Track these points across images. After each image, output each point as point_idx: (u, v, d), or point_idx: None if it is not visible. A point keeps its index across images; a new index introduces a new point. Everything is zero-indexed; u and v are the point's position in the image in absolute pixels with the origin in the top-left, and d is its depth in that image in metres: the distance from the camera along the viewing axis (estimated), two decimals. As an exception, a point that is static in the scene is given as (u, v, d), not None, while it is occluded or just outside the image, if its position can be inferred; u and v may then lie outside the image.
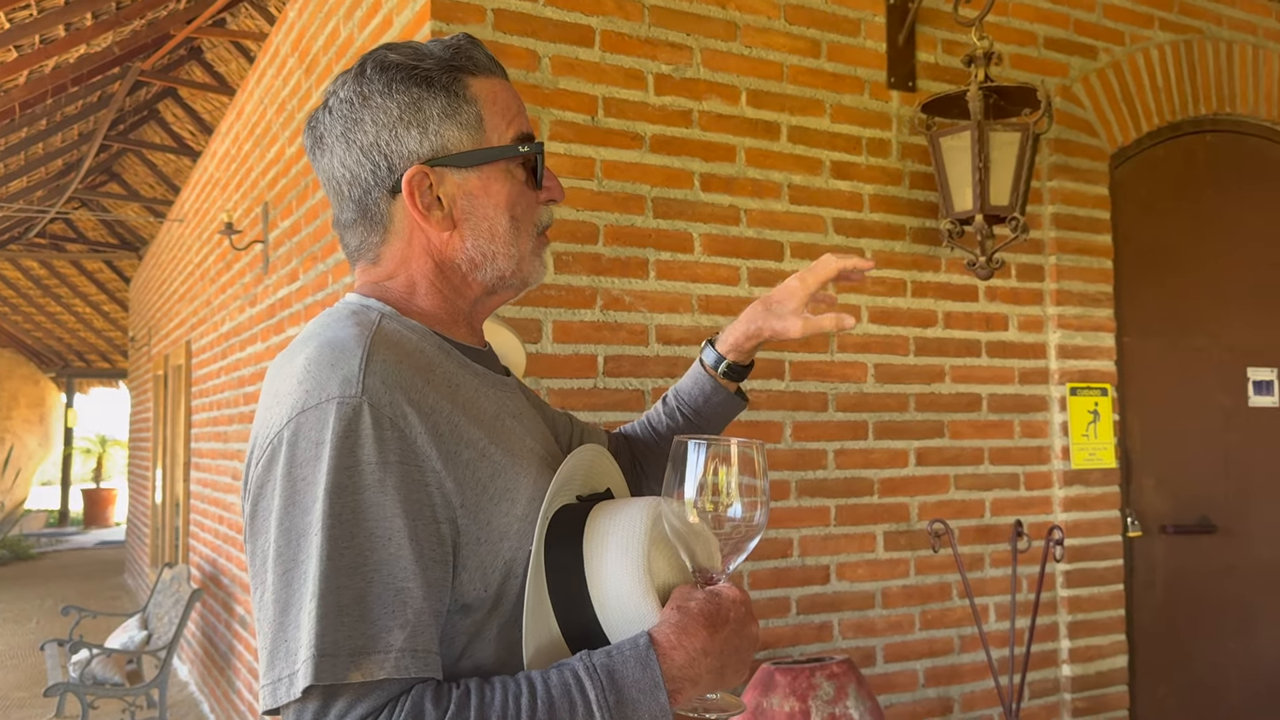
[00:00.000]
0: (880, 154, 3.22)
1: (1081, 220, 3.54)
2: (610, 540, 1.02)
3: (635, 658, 0.96)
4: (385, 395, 0.96)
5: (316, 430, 0.94)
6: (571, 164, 2.73)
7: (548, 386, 2.66)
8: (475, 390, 1.08)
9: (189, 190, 7.51)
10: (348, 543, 0.92)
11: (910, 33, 3.25)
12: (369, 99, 1.08)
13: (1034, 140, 3.00)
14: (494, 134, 1.10)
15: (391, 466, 0.94)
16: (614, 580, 1.00)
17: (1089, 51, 3.61)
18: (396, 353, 1.01)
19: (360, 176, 1.09)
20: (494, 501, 1.01)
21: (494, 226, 1.11)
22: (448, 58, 1.10)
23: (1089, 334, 3.51)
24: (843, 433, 3.11)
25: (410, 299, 1.11)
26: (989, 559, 3.31)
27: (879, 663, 3.10)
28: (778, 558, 2.97)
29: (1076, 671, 3.39)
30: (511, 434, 1.08)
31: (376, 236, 1.12)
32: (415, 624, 0.93)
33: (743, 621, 1.02)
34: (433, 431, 0.98)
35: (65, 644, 5.48)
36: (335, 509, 0.92)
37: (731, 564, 1.03)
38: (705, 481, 1.00)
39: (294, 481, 0.94)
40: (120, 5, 6.58)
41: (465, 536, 0.99)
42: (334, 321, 1.05)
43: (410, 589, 0.93)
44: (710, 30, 2.95)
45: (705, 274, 2.90)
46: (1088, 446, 3.46)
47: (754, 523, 1.02)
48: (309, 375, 0.98)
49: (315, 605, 0.90)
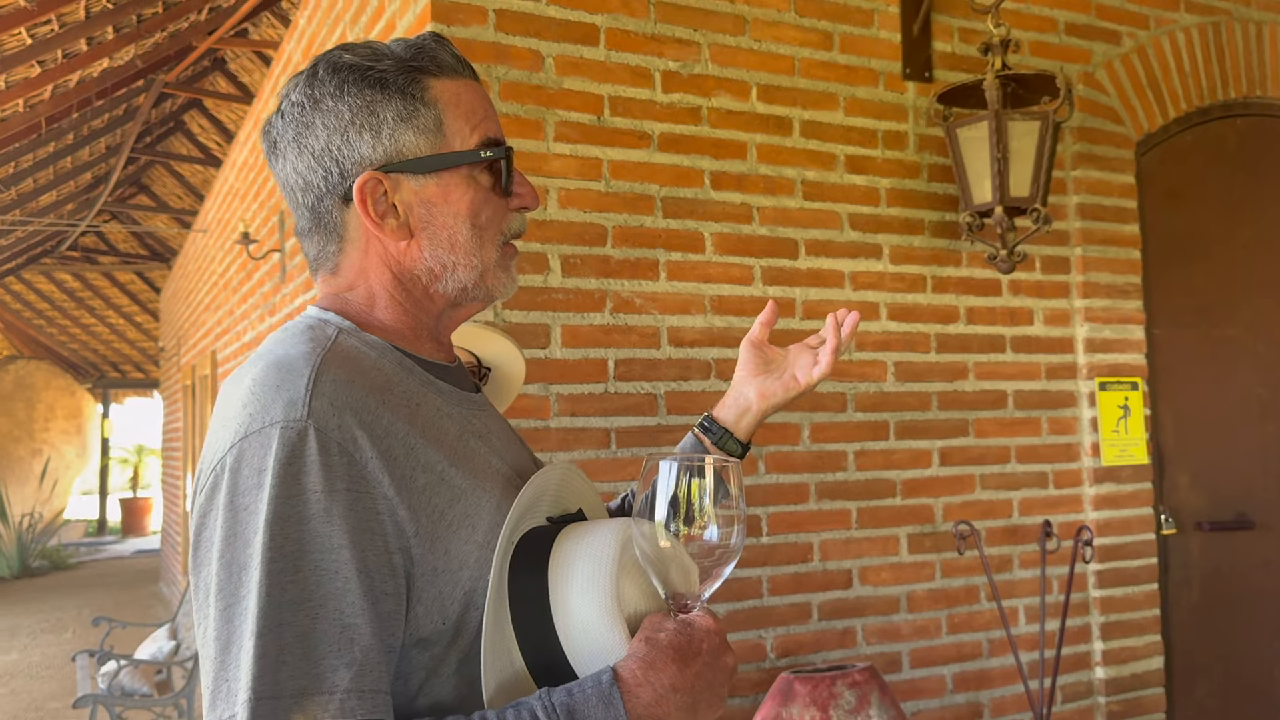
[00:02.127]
0: (896, 147, 3.15)
1: (1107, 210, 3.44)
2: (577, 566, 0.96)
3: (598, 696, 0.90)
4: (333, 418, 0.91)
5: (259, 457, 0.89)
6: (578, 165, 2.68)
7: (557, 392, 2.61)
8: (437, 410, 1.02)
9: (211, 200, 7.55)
10: (291, 577, 0.87)
11: (925, 22, 3.18)
12: (320, 102, 1.03)
13: (1054, 129, 2.92)
14: (456, 138, 1.04)
15: (339, 494, 0.89)
16: (580, 609, 0.94)
17: (1112, 36, 3.51)
18: (349, 371, 0.95)
19: (313, 183, 1.04)
20: (452, 529, 0.95)
21: (454, 235, 1.05)
22: (407, 58, 1.04)
23: (1117, 327, 3.41)
24: (863, 433, 3.03)
25: (371, 312, 1.06)
26: (1018, 560, 3.22)
27: (905, 668, 3.03)
28: (798, 562, 2.90)
29: (1111, 674, 3.29)
30: (475, 455, 1.03)
31: (333, 246, 1.07)
32: (363, 662, 0.87)
33: (716, 653, 0.96)
34: (385, 455, 0.92)
35: (95, 655, 5.51)
36: (277, 541, 0.87)
37: (707, 590, 0.96)
38: (678, 503, 0.94)
39: (235, 511, 0.89)
40: (141, 18, 6.61)
41: (420, 567, 0.93)
42: (288, 337, 1.00)
43: (358, 625, 0.88)
44: (718, 25, 2.89)
45: (718, 274, 2.84)
46: (1118, 443, 3.36)
47: (730, 545, 0.95)
48: (253, 398, 0.93)
49: (254, 644, 0.85)
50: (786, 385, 1.32)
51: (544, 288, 2.62)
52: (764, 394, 1.32)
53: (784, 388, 1.32)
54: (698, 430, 1.33)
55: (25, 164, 8.61)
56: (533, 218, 2.61)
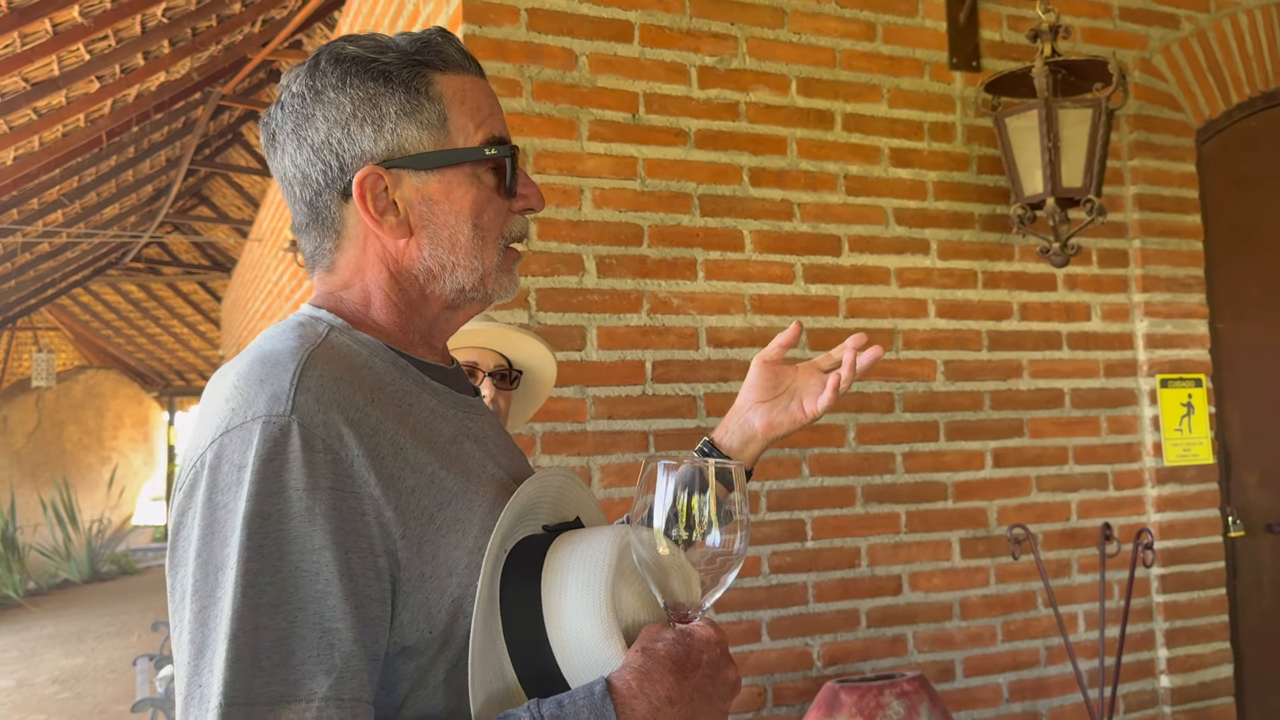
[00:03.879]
0: (944, 138, 3.05)
1: (1167, 200, 3.31)
2: (571, 575, 0.91)
3: (590, 708, 0.85)
4: (318, 414, 0.87)
5: (240, 452, 0.86)
6: (613, 164, 2.64)
7: (593, 395, 2.57)
8: (431, 411, 0.99)
9: (265, 209, 7.65)
10: (269, 578, 0.83)
11: (972, 9, 3.08)
12: (321, 94, 0.99)
13: (1108, 117, 2.81)
14: (460, 135, 1.01)
15: (322, 493, 0.85)
16: (574, 619, 0.90)
17: (1170, 20, 3.38)
18: (338, 368, 0.92)
19: (311, 177, 1.01)
20: (441, 533, 0.91)
21: (455, 235, 1.01)
22: (412, 51, 1.01)
23: (1179, 321, 3.28)
24: (911, 434, 2.95)
25: (366, 311, 1.03)
26: (1076, 565, 3.11)
27: (958, 677, 2.93)
28: (845, 568, 2.82)
29: (1176, 683, 3.16)
30: (469, 459, 0.99)
31: (330, 242, 1.03)
32: (343, 669, 0.83)
33: (717, 665, 0.91)
34: (372, 454, 0.89)
35: (154, 659, 5.58)
36: (256, 540, 0.83)
37: (709, 599, 0.92)
38: (679, 508, 0.89)
39: (214, 509, 0.86)
40: (196, 32, 6.71)
41: (406, 571, 0.89)
42: (276, 334, 0.97)
43: (339, 630, 0.84)
44: (756, 18, 2.83)
45: (757, 273, 2.77)
46: (1181, 442, 3.23)
47: (733, 551, 0.91)
48: (237, 392, 0.89)
49: (227, 647, 0.81)
50: (794, 417, 1.28)
51: (579, 289, 2.57)
52: (770, 425, 1.28)
53: (790, 420, 1.28)
54: (697, 456, 1.29)
55: (88, 178, 8.80)
56: (567, 218, 2.58)
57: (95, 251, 11.32)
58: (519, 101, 2.56)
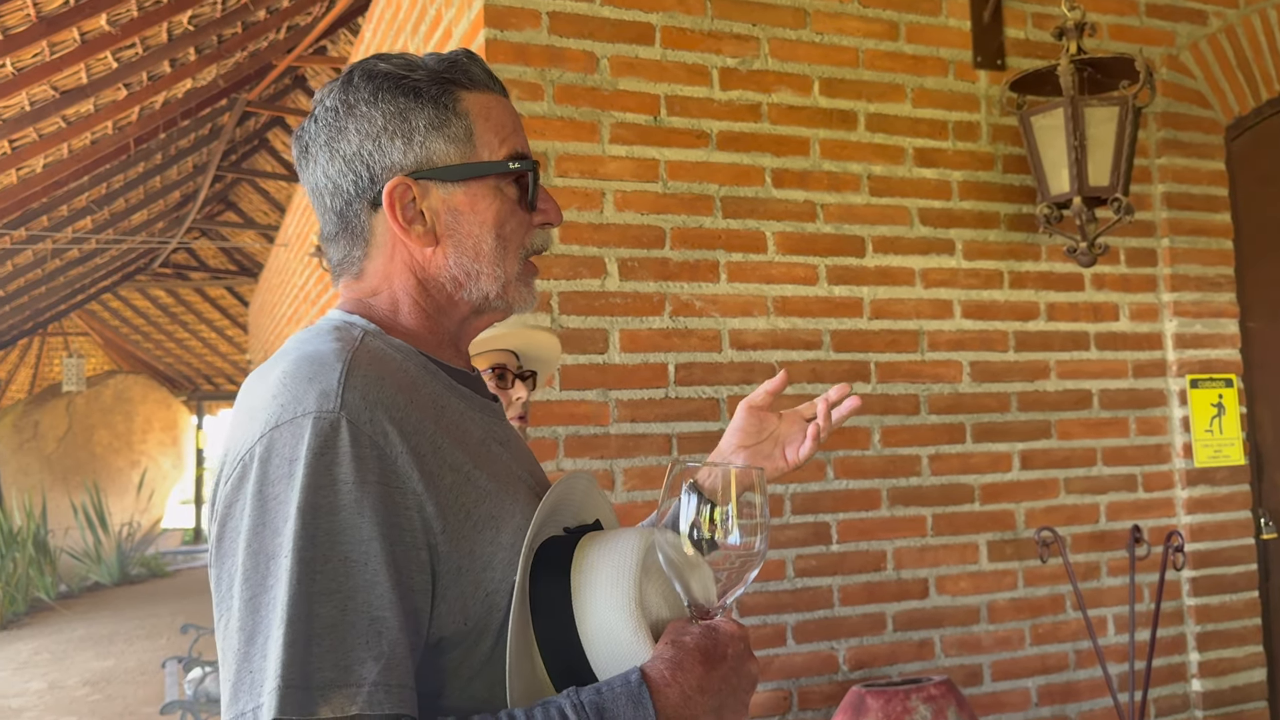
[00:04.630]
0: (968, 138, 3.03)
1: (1196, 198, 3.27)
2: (599, 573, 0.96)
3: (627, 695, 0.89)
4: (365, 412, 0.91)
5: (290, 446, 0.89)
6: (634, 166, 2.63)
7: (616, 398, 2.56)
8: (461, 413, 1.02)
9: (291, 214, 7.70)
10: (321, 566, 0.87)
11: (997, 8, 3.06)
12: (354, 108, 1.04)
13: (1135, 114, 2.78)
14: (485, 149, 1.05)
15: (370, 487, 0.89)
16: (602, 615, 0.94)
17: (1197, 16, 3.34)
18: (379, 369, 0.96)
19: (342, 187, 1.05)
20: (477, 529, 0.95)
21: (479, 244, 1.05)
22: (440, 70, 1.06)
23: (1209, 321, 3.24)
24: (937, 436, 2.92)
25: (395, 317, 1.06)
26: (1105, 567, 3.07)
27: (986, 681, 2.91)
28: (870, 571, 2.80)
29: (1208, 686, 3.12)
30: (498, 460, 1.03)
31: (359, 250, 1.07)
32: (390, 656, 0.87)
33: (741, 658, 0.96)
34: (415, 452, 0.93)
35: (183, 661, 5.63)
36: (308, 530, 0.87)
37: (730, 596, 0.97)
38: (702, 509, 0.94)
39: (264, 500, 0.89)
40: (221, 39, 6.77)
41: (445, 565, 0.93)
42: (314, 336, 1.00)
43: (386, 618, 0.87)
44: (778, 19, 2.81)
45: (780, 274, 2.76)
46: (1212, 443, 3.19)
47: (754, 551, 0.96)
48: (284, 389, 0.93)
49: (283, 632, 0.84)
50: (775, 465, 1.31)
51: (601, 292, 2.57)
52: None
53: (772, 467, 1.31)
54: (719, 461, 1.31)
55: (116, 184, 8.88)
56: (589, 221, 2.57)
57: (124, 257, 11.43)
58: (540, 105, 2.56)
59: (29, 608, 10.54)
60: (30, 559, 10.79)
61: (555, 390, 2.51)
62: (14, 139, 6.56)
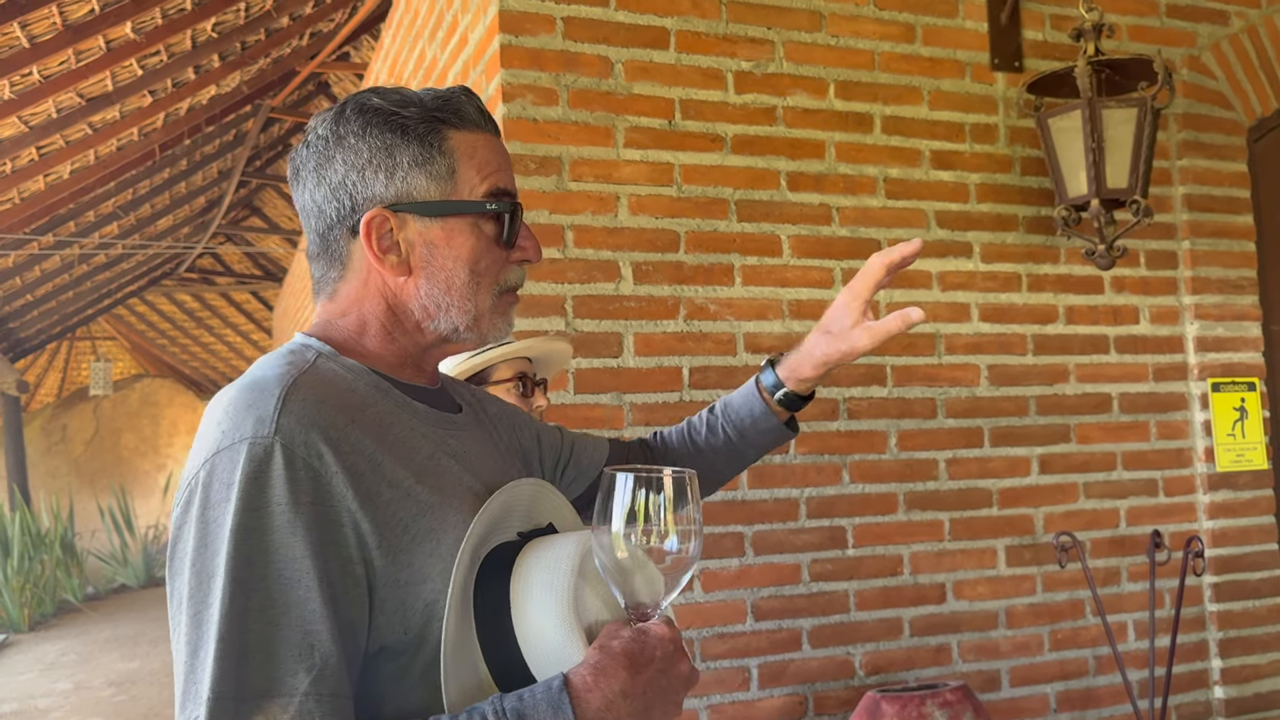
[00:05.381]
0: (986, 140, 3.02)
1: (1218, 200, 3.24)
2: (535, 578, 1.00)
3: (547, 701, 0.93)
4: (300, 435, 0.96)
5: (228, 471, 0.94)
6: (649, 170, 2.63)
7: (631, 401, 2.56)
8: (410, 430, 1.07)
9: (315, 220, 7.74)
10: (256, 585, 0.92)
11: (1014, 9, 3.04)
12: (343, 139, 1.09)
13: (1154, 116, 2.75)
14: (465, 187, 1.10)
15: (303, 507, 0.94)
16: (538, 619, 0.98)
17: (1219, 17, 3.31)
18: (319, 392, 1.01)
19: (326, 212, 1.11)
20: (416, 542, 0.99)
21: (451, 278, 1.10)
22: (433, 108, 1.10)
23: (1231, 324, 3.21)
24: (955, 440, 2.91)
25: (359, 338, 1.12)
26: (1125, 573, 3.05)
27: (1005, 687, 2.89)
28: (886, 576, 2.79)
29: (1231, 694, 3.08)
30: (447, 473, 1.07)
31: (335, 272, 1.13)
32: (322, 667, 0.92)
33: (670, 660, 0.99)
34: (351, 470, 0.97)
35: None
36: (242, 551, 0.92)
37: (665, 600, 0.99)
38: (636, 514, 0.96)
39: (206, 523, 0.94)
40: (245, 45, 6.83)
41: (382, 578, 0.97)
42: (268, 361, 1.06)
43: (318, 631, 0.92)
44: (793, 22, 2.81)
45: (795, 278, 2.75)
46: (1235, 447, 3.16)
47: (689, 555, 0.98)
48: (227, 416, 0.98)
49: (216, 647, 0.90)
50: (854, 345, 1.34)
51: (615, 295, 2.57)
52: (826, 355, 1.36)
53: (849, 347, 1.34)
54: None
55: (142, 190, 8.97)
56: (603, 225, 2.58)
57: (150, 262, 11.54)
58: (555, 110, 2.57)
59: (56, 609, 10.65)
60: (58, 561, 10.91)
61: (569, 394, 2.52)
62: (41, 146, 6.64)
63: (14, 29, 4.92)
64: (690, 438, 1.48)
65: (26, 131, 6.28)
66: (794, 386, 1.39)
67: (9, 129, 6.13)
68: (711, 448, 1.45)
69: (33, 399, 15.36)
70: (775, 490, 2.68)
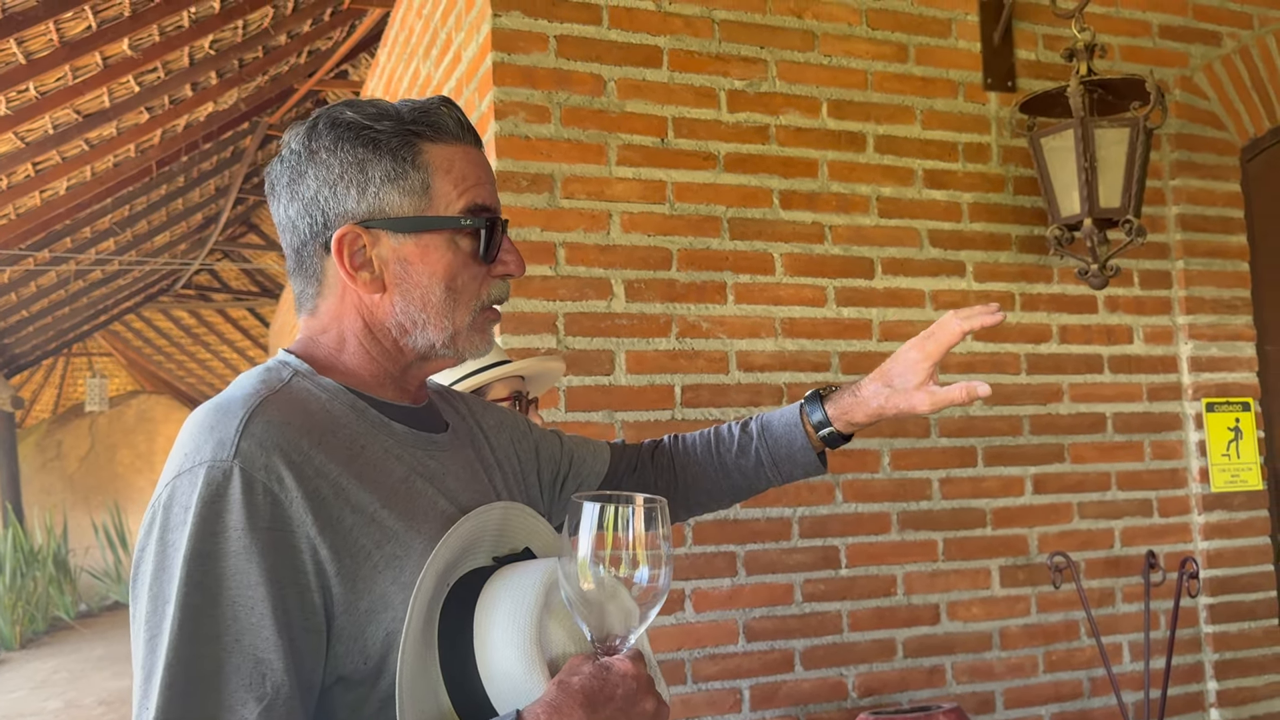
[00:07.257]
0: (979, 159, 3.02)
1: (1211, 220, 3.24)
2: (499, 609, 0.96)
3: None
4: (260, 458, 0.94)
5: (186, 495, 0.93)
6: (641, 188, 2.63)
7: (622, 419, 2.55)
8: (384, 451, 1.04)
9: (311, 236, 7.75)
10: (208, 611, 0.90)
11: (1007, 30, 3.05)
12: (315, 154, 1.07)
13: (1146, 136, 2.76)
14: (441, 202, 1.07)
15: (260, 533, 0.92)
16: (500, 652, 0.94)
17: (1211, 38, 3.31)
18: (287, 413, 0.98)
19: (299, 227, 1.09)
20: (378, 570, 0.97)
21: (426, 295, 1.07)
22: (408, 120, 1.08)
23: (1225, 344, 3.20)
24: (948, 460, 2.90)
25: (338, 355, 1.09)
26: (1120, 594, 3.03)
27: (999, 709, 2.86)
28: (880, 596, 2.77)
29: (1227, 716, 3.06)
30: (419, 497, 1.04)
31: (312, 288, 1.11)
32: (274, 697, 0.89)
33: (631, 699, 0.94)
34: (311, 495, 0.95)
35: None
36: (194, 577, 0.90)
37: (634, 633, 0.95)
38: (605, 544, 0.92)
39: (165, 547, 0.93)
40: (242, 63, 6.84)
41: (341, 605, 0.95)
42: (243, 380, 1.04)
43: (270, 660, 0.90)
44: (786, 42, 2.82)
45: (788, 296, 2.75)
46: (1229, 467, 3.15)
47: (659, 586, 0.94)
48: (190, 438, 0.97)
49: (165, 674, 0.88)
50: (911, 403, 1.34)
51: (607, 313, 2.57)
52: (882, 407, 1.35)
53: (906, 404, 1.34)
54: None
55: (139, 206, 8.97)
56: (595, 242, 2.57)
57: (147, 278, 11.53)
58: (547, 127, 2.57)
59: (49, 626, 10.59)
60: (50, 578, 10.85)
61: (561, 411, 2.51)
62: (37, 162, 6.64)
63: (10, 45, 4.92)
64: (717, 452, 1.43)
65: (23, 147, 6.28)
66: (840, 428, 1.36)
67: (5, 145, 6.13)
68: (740, 468, 1.41)
69: (28, 415, 15.32)
70: (768, 509, 2.67)
